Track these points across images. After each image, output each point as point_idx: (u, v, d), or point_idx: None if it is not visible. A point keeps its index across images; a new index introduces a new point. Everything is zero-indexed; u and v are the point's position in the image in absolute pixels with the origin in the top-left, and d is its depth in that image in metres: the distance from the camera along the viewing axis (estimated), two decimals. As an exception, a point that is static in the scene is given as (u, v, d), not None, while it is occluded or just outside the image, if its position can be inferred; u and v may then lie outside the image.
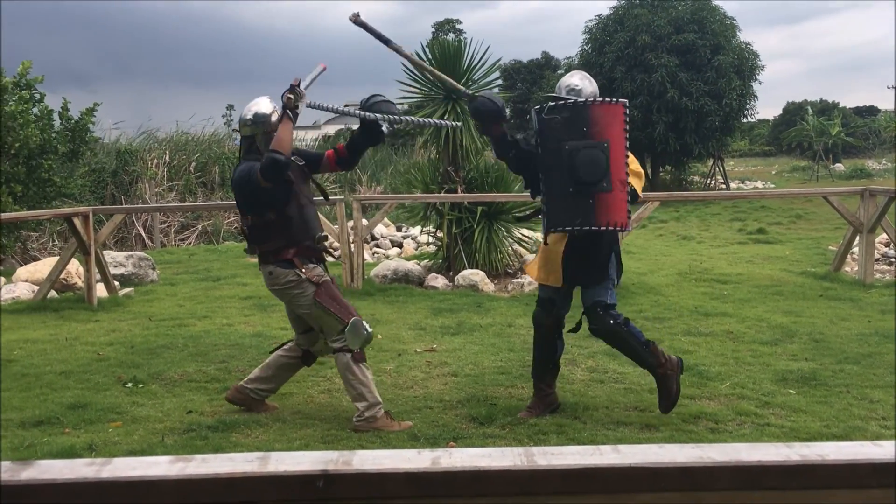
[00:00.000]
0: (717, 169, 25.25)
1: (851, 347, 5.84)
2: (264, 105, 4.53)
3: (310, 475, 1.03)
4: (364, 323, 4.40)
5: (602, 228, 4.19)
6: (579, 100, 4.33)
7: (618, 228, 4.28)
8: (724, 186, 25.55)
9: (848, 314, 7.03)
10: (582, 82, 4.61)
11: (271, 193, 4.27)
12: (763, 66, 23.19)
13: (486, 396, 4.86)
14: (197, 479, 1.02)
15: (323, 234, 4.65)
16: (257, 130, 4.48)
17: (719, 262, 10.39)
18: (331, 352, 4.54)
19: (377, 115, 4.42)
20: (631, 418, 4.41)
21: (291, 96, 4.21)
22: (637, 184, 4.41)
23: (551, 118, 4.18)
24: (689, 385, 4.98)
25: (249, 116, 4.50)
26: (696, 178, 27.96)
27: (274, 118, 4.42)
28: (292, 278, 4.39)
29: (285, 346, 4.77)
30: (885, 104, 66.36)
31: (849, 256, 9.35)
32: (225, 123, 25.43)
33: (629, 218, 4.30)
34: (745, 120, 24.80)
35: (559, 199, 4.23)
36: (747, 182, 31.11)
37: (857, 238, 8.57)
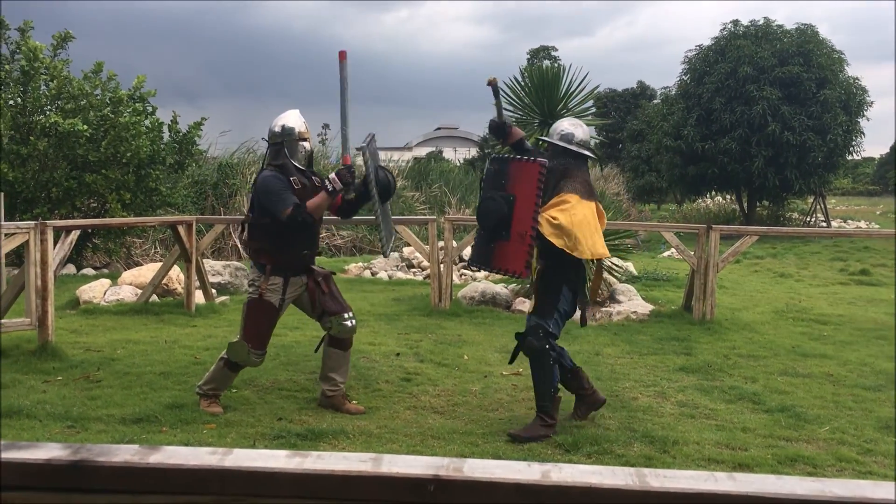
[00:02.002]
0: (819, 206, 24.34)
1: (964, 399, 5.50)
2: (293, 119, 4.95)
3: (421, 479, 1.05)
4: (252, 353, 4.83)
5: (494, 271, 4.78)
6: (508, 156, 4.79)
7: (511, 275, 4.70)
8: (824, 225, 24.61)
9: (960, 364, 6.64)
10: (573, 128, 4.86)
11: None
12: (871, 102, 22.29)
13: (571, 424, 4.79)
14: (314, 475, 1.05)
15: (307, 253, 5.04)
16: (285, 139, 4.89)
17: (819, 302, 9.98)
18: (348, 331, 5.09)
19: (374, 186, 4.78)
20: (723, 456, 4.27)
21: (338, 184, 4.70)
22: (562, 241, 4.49)
23: (489, 167, 4.79)
24: (786, 427, 4.80)
25: (278, 129, 4.91)
26: (796, 216, 27.02)
27: (298, 130, 4.91)
28: (255, 278, 4.91)
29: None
30: None
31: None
32: (320, 142, 26.14)
33: (527, 268, 4.52)
34: (849, 157, 23.83)
35: (477, 238, 4.90)
36: (850, 221, 29.90)
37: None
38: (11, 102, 11.11)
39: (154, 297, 8.54)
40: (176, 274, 9.02)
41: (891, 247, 16.40)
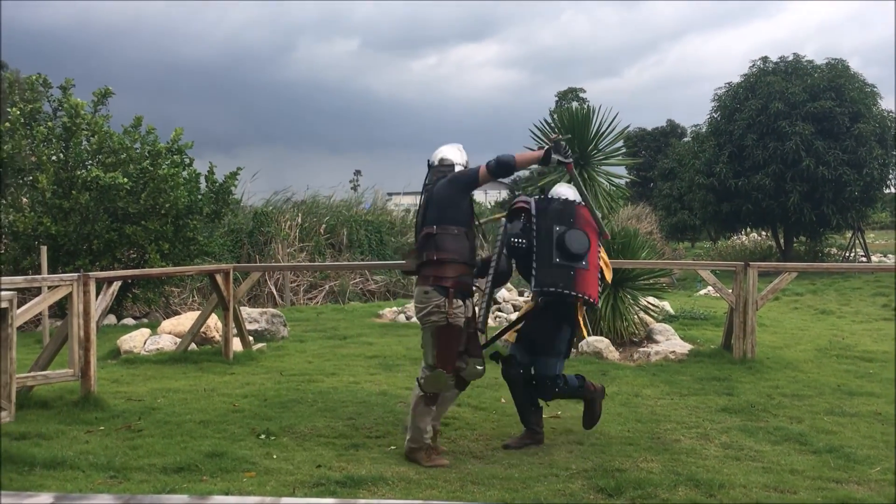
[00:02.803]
0: (857, 241, 23.95)
1: None
2: (456, 152, 5.24)
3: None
4: (448, 378, 4.82)
5: (577, 295, 5.03)
6: (567, 199, 5.30)
7: (589, 300, 5.09)
8: (864, 259, 24.18)
9: None
10: (573, 193, 5.41)
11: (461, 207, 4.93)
12: (907, 135, 22.03)
13: (612, 467, 4.71)
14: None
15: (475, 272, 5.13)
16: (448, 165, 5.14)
17: (863, 339, 9.77)
18: (478, 376, 5.00)
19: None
20: (771, 499, 4.16)
21: (548, 150, 5.01)
22: (607, 272, 5.46)
23: (549, 204, 5.24)
24: (835, 468, 4.67)
25: (460, 160, 5.20)
26: (834, 251, 26.59)
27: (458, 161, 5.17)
28: (438, 304, 4.78)
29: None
30: None
31: None
32: (352, 188, 26.44)
33: (599, 296, 5.18)
34: (887, 191, 23.49)
35: (543, 265, 5.07)
36: (889, 256, 29.31)
37: None
38: (54, 158, 11.43)
39: (193, 346, 8.63)
40: (214, 322, 9.12)
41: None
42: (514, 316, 12.08)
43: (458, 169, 5.09)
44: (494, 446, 5.19)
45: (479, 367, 4.98)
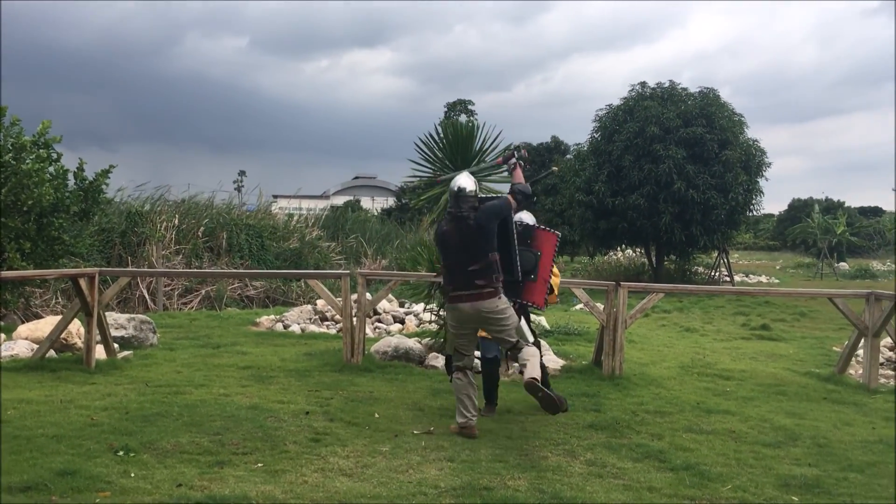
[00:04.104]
0: (722, 261, 25.33)
1: (855, 455, 5.74)
2: (471, 181, 6.13)
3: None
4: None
5: (523, 302, 6.58)
6: (530, 224, 6.79)
7: (534, 305, 6.70)
8: (728, 279, 25.59)
9: (852, 419, 6.94)
10: (531, 218, 6.91)
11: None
12: (770, 164, 23.56)
13: (480, 485, 4.75)
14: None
15: None
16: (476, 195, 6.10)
17: (723, 357, 10.31)
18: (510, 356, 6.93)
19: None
20: (629, 517, 4.30)
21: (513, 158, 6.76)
22: (555, 283, 6.91)
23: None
24: (691, 485, 4.89)
25: (475, 187, 6.12)
26: (701, 269, 28.03)
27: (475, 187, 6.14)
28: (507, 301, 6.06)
29: (457, 376, 6.16)
30: (888, 205, 67.14)
31: (853, 359, 9.28)
32: (236, 189, 25.75)
33: (545, 302, 6.71)
34: (750, 214, 25.01)
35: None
36: (751, 276, 31.17)
37: (863, 341, 8.53)
38: None
39: (51, 353, 8.15)
40: (76, 327, 8.65)
41: (790, 302, 17.20)
42: (394, 327, 12.08)
43: (470, 192, 6.03)
44: (365, 463, 5.13)
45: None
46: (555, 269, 6.86)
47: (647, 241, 24.50)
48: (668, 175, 21.64)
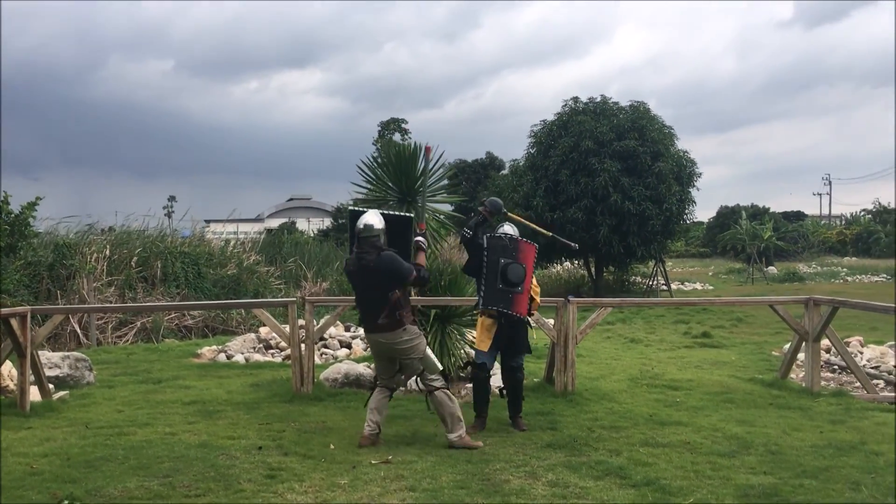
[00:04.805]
0: (659, 270, 25.81)
1: (808, 460, 5.84)
2: (377, 219, 6.37)
3: None
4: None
5: (512, 313, 6.85)
6: (513, 236, 7.06)
7: (520, 316, 6.90)
8: (665, 287, 26.08)
9: (800, 424, 7.08)
10: (513, 230, 7.22)
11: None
12: (700, 174, 24.16)
13: (446, 514, 4.67)
14: None
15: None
16: (381, 234, 6.32)
17: (669, 367, 10.44)
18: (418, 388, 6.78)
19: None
20: (598, 539, 4.26)
21: (425, 243, 6.71)
22: (535, 291, 7.19)
23: (497, 241, 6.94)
24: (653, 501, 4.90)
25: (381, 225, 6.34)
26: (639, 279, 28.52)
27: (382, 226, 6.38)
28: (416, 331, 6.40)
29: (376, 392, 6.58)
30: (810, 209, 69.69)
31: (794, 364, 9.50)
32: (166, 215, 25.12)
33: (529, 312, 7.01)
34: (683, 223, 25.57)
35: (489, 287, 6.90)
36: (687, 283, 31.85)
37: (803, 346, 8.74)
38: None
39: (-19, 398, 7.73)
40: (7, 370, 8.24)
41: (727, 309, 17.57)
42: (341, 352, 11.90)
43: (374, 232, 6.29)
44: (324, 498, 4.99)
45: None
46: (534, 283, 7.18)
47: (587, 253, 24.81)
48: (604, 188, 21.98)
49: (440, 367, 6.51)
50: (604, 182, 21.97)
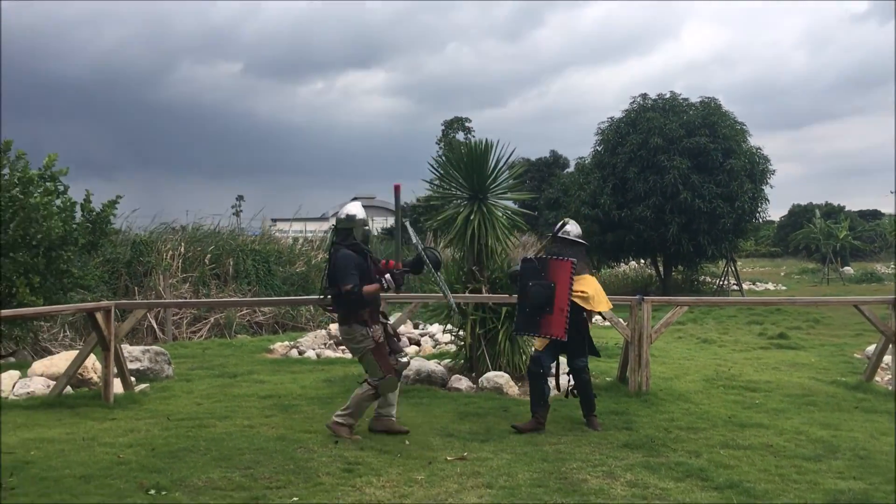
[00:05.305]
0: (730, 270, 25.22)
1: (900, 466, 5.61)
2: (357, 209, 6.51)
3: None
4: (396, 380, 6.49)
5: (543, 336, 6.73)
6: (544, 256, 6.89)
7: (554, 338, 6.65)
8: (736, 287, 25.47)
9: (888, 428, 6.80)
10: (572, 227, 7.09)
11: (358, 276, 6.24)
12: (774, 171, 23.49)
13: (525, 512, 4.63)
14: None
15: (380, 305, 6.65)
16: (353, 225, 6.42)
17: (745, 368, 10.18)
18: (405, 366, 6.89)
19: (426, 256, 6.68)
20: (683, 542, 4.17)
21: (392, 284, 6.36)
22: (590, 303, 6.83)
23: (528, 265, 6.83)
24: (739, 504, 4.76)
25: (345, 216, 6.42)
26: (708, 279, 27.91)
27: (360, 217, 6.45)
28: (363, 333, 6.32)
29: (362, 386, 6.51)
30: (887, 208, 67.11)
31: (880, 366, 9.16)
32: (234, 214, 25.61)
33: (565, 332, 6.57)
34: (756, 221, 24.91)
35: (520, 313, 6.87)
36: (758, 283, 31.06)
37: (890, 348, 8.41)
38: (-90, 183, 10.48)
39: (68, 389, 8.01)
40: (91, 362, 8.52)
41: (802, 310, 17.05)
42: (410, 349, 11.97)
43: (343, 222, 6.43)
44: (402, 493, 5.01)
45: (402, 360, 6.69)
46: (585, 279, 6.85)
47: (655, 252, 24.40)
48: (673, 186, 21.57)
49: (380, 375, 6.37)
50: (673, 179, 21.56)
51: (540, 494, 4.98)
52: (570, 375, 7.07)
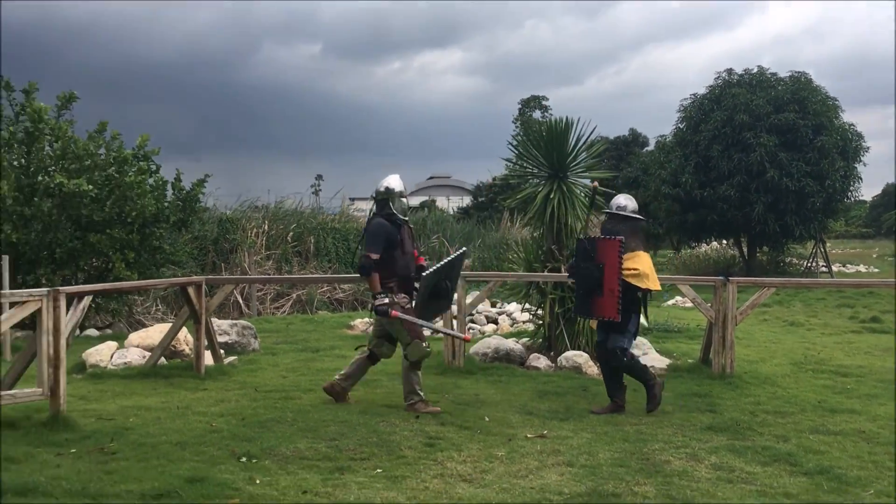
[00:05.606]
0: (818, 251, 24.36)
1: None
2: (395, 181, 6.69)
3: None
4: (424, 345, 6.55)
5: (596, 318, 6.68)
6: (593, 236, 6.95)
7: (607, 319, 6.50)
8: (825, 269, 24.61)
9: None
10: (627, 201, 6.91)
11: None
12: (868, 148, 22.51)
13: (606, 491, 4.62)
14: None
15: (415, 275, 6.68)
16: (390, 196, 6.63)
17: (835, 353, 9.85)
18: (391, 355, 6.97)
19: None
20: (770, 526, 4.10)
21: (379, 309, 6.42)
22: (644, 281, 6.55)
23: (579, 245, 6.77)
24: (829, 491, 4.64)
25: (382, 189, 6.64)
26: (795, 261, 27.02)
27: (398, 189, 6.65)
28: (389, 301, 6.41)
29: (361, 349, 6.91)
30: None
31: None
32: (314, 192, 26.07)
33: (618, 313, 6.40)
34: (847, 201, 23.96)
35: (577, 296, 6.95)
36: (848, 265, 29.92)
37: None
38: (15, 163, 11.06)
39: (162, 360, 8.37)
40: (183, 335, 8.86)
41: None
42: (487, 327, 12.01)
43: (381, 194, 6.66)
44: (483, 468, 5.06)
45: (424, 346, 6.61)
46: (638, 256, 6.57)
47: (738, 232, 23.76)
48: (759, 164, 20.93)
49: (407, 340, 6.54)
50: (759, 157, 20.91)
51: (621, 474, 4.95)
52: (610, 355, 6.70)
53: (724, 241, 28.26)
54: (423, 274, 6.54)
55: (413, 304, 6.62)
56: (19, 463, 4.94)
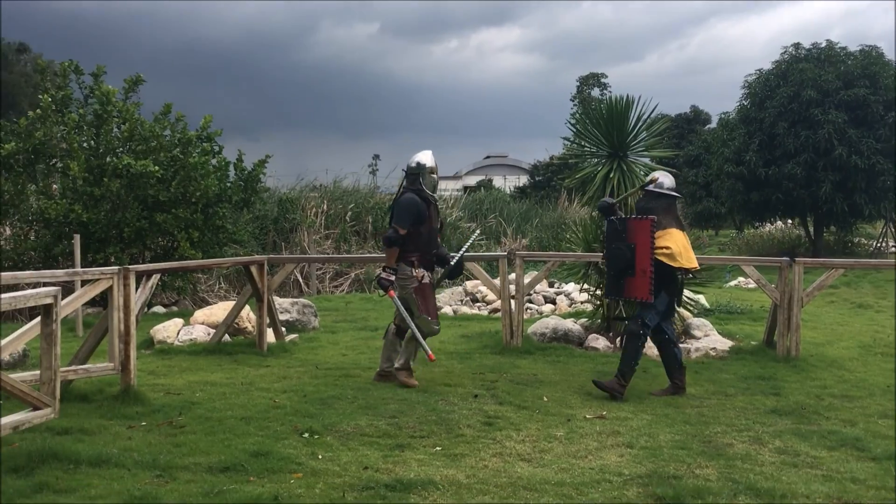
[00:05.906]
0: (889, 231, 23.54)
1: None
2: (427, 157, 6.83)
3: None
4: (432, 322, 6.70)
5: (628, 299, 6.88)
6: (625, 216, 6.75)
7: (639, 300, 6.46)
8: (895, 250, 23.79)
9: None
10: (664, 178, 6.74)
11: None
12: (943, 124, 21.54)
13: (667, 473, 4.58)
14: None
15: (436, 252, 6.85)
16: (420, 172, 6.76)
17: (906, 336, 9.55)
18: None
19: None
20: (837, 512, 4.02)
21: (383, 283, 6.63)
22: (676, 260, 6.34)
23: (610, 226, 6.61)
24: (899, 477, 4.52)
25: (414, 164, 6.79)
26: (864, 241, 26.17)
27: (429, 165, 6.79)
28: (407, 275, 6.62)
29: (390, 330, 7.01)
30: None
31: None
32: (371, 172, 26.22)
33: (650, 294, 6.31)
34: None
35: (608, 277, 6.86)
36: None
37: None
38: (85, 145, 11.40)
39: (226, 337, 8.57)
40: (246, 313, 9.06)
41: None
42: (545, 307, 11.95)
43: (413, 169, 6.79)
44: (542, 448, 5.07)
45: (434, 325, 6.77)
46: (670, 233, 6.39)
47: (804, 212, 23.09)
48: (827, 141, 20.25)
49: (417, 314, 6.64)
50: (827, 134, 20.22)
51: (682, 456, 4.91)
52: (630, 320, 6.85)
53: (790, 221, 27.51)
54: (460, 254, 7.05)
55: (430, 280, 6.82)
56: (92, 435, 5.13)
